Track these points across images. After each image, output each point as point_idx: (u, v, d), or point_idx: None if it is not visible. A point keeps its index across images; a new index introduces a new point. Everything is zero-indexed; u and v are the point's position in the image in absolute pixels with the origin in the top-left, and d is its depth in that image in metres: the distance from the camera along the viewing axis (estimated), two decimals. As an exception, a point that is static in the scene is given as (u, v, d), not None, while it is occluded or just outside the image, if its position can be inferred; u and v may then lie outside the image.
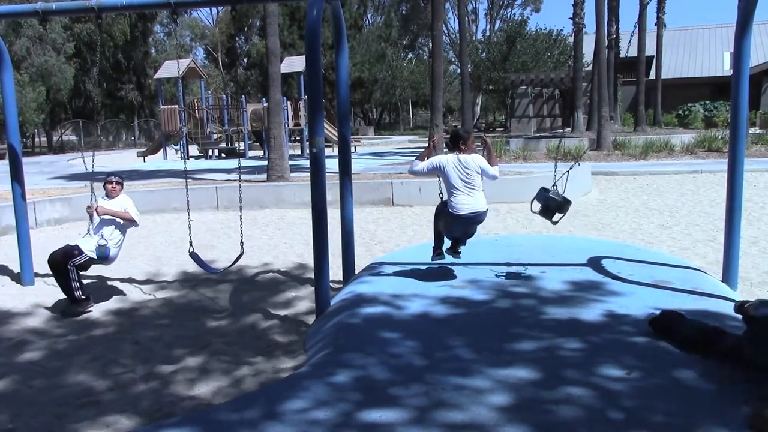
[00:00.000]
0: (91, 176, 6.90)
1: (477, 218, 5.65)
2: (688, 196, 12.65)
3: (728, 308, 4.81)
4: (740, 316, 3.89)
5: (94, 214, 6.43)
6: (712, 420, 3.09)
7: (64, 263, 6.25)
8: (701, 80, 39.39)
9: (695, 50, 42.94)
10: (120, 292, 7.07)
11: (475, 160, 5.64)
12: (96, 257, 6.39)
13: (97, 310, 6.43)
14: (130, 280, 7.53)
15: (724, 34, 41.90)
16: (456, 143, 5.76)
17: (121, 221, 6.52)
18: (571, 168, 6.20)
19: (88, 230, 6.57)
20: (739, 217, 5.65)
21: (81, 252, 6.32)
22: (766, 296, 5.45)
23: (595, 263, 6.27)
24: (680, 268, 6.14)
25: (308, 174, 5.55)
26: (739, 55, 5.44)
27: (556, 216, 6.05)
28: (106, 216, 6.45)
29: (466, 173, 5.57)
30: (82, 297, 6.33)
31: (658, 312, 4.45)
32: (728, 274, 5.72)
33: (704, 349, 3.84)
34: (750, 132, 23.75)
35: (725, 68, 38.52)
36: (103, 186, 6.72)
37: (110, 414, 4.19)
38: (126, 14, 36.28)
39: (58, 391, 4.58)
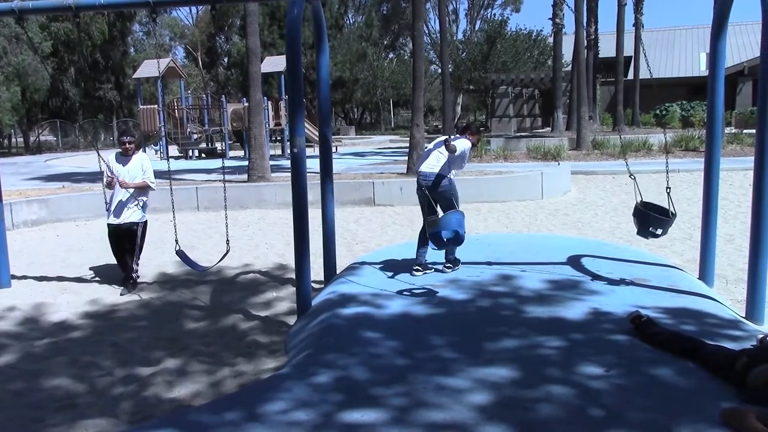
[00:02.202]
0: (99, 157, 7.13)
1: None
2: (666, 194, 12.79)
3: (704, 305, 4.88)
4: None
5: (116, 186, 6.88)
6: (689, 416, 3.13)
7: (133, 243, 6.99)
8: (678, 80, 39.88)
9: (672, 51, 43.48)
10: (97, 294, 6.99)
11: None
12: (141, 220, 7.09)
13: (75, 313, 6.36)
14: (108, 281, 7.45)
15: (700, 35, 42.45)
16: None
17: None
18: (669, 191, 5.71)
19: (110, 209, 7.02)
20: (715, 215, 5.73)
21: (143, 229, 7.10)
22: (740, 293, 5.52)
23: (574, 262, 6.32)
24: (658, 266, 6.21)
25: (289, 174, 5.53)
26: (714, 56, 5.52)
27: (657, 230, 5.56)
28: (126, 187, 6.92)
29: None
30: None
31: (635, 309, 4.49)
32: (705, 272, 5.81)
33: (683, 355, 3.87)
34: (726, 131, 24.08)
35: (701, 69, 39.02)
36: (120, 146, 7.10)
37: (88, 417, 4.14)
38: (104, 13, 35.88)
39: (35, 394, 4.52)
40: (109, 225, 7.07)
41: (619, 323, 4.50)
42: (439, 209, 6.15)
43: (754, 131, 4.95)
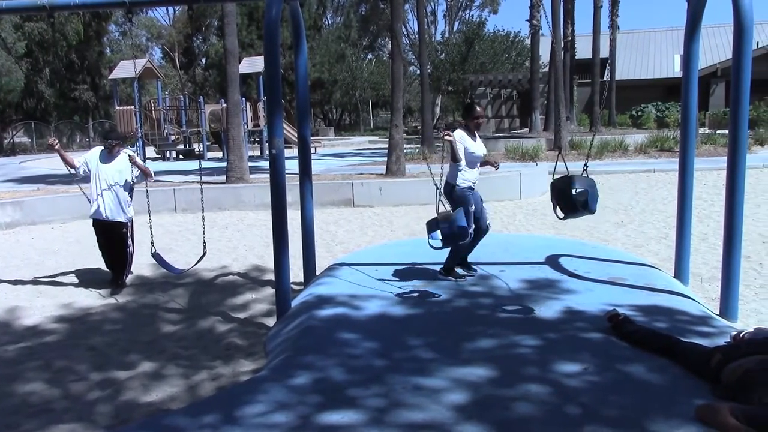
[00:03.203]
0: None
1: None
2: (642, 194, 12.96)
3: (679, 303, 4.95)
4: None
5: (98, 182, 6.95)
6: (664, 413, 3.17)
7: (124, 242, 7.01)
8: (653, 81, 40.40)
9: (647, 52, 44.02)
10: (72, 297, 6.90)
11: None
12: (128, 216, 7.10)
13: (49, 316, 6.27)
14: (84, 285, 7.36)
15: (674, 37, 43.04)
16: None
17: (129, 179, 7.02)
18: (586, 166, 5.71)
19: (95, 200, 6.99)
20: (689, 214, 5.81)
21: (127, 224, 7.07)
22: (715, 290, 5.61)
23: (552, 261, 6.37)
24: (634, 264, 6.28)
25: (268, 175, 5.51)
26: (688, 58, 5.60)
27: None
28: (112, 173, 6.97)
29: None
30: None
31: (612, 308, 4.53)
32: (680, 270, 5.88)
33: (659, 353, 3.91)
34: (699, 132, 24.43)
35: (676, 70, 39.57)
36: (106, 147, 7.06)
37: (64, 422, 4.09)
38: (79, 13, 35.43)
39: (8, 399, 4.45)
40: (94, 221, 7.06)
41: (596, 322, 4.55)
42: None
43: (726, 132, 5.03)
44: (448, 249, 5.75)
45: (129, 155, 7.08)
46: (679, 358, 3.76)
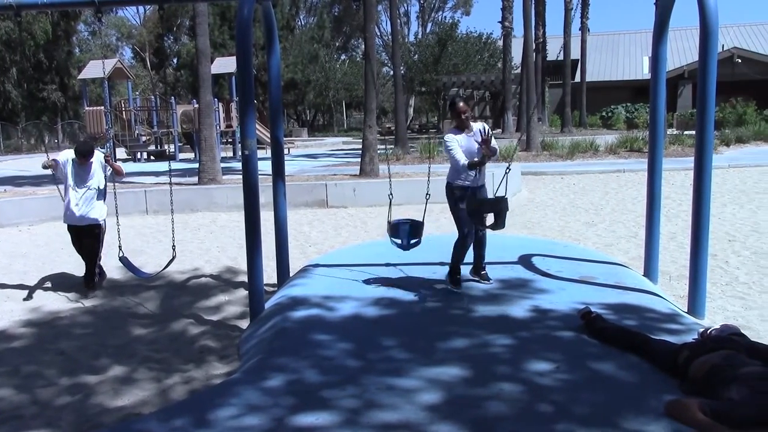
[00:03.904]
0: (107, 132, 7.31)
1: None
2: (612, 194, 13.14)
3: (648, 301, 5.03)
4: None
5: (72, 187, 6.81)
6: (634, 409, 3.22)
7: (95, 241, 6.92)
8: (623, 83, 40.99)
9: (617, 54, 44.66)
10: (41, 301, 6.78)
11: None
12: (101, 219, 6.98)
13: (17, 321, 6.15)
14: (53, 288, 7.23)
15: (643, 40, 43.72)
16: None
17: (102, 181, 6.93)
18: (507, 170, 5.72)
19: (70, 205, 6.81)
20: (658, 214, 5.91)
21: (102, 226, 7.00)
22: (683, 288, 5.70)
23: (525, 261, 6.43)
24: (605, 263, 6.37)
25: (241, 176, 5.47)
26: (656, 60, 5.70)
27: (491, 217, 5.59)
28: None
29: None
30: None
31: (585, 306, 4.59)
32: (649, 269, 5.98)
33: (630, 350, 3.97)
34: (668, 133, 24.85)
35: (644, 72, 40.19)
36: (78, 157, 6.82)
37: (33, 428, 4.01)
38: (47, 12, 34.82)
39: (-26, 406, 4.36)
40: (69, 226, 6.93)
41: (568, 320, 4.60)
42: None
43: (694, 132, 5.12)
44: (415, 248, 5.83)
45: (104, 155, 7.00)
46: (649, 355, 3.83)
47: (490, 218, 5.53)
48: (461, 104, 5.60)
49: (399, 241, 5.82)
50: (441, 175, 6.13)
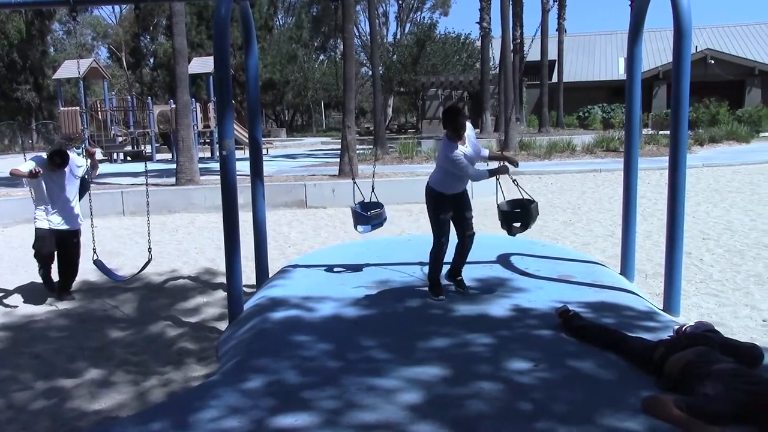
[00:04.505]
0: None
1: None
2: (589, 193, 13.27)
3: (625, 299, 5.09)
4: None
5: (55, 189, 6.59)
6: (611, 406, 3.25)
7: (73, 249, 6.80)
8: (599, 83, 41.41)
9: (593, 55, 45.10)
10: (15, 304, 6.68)
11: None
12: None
13: (-9, 325, 6.06)
14: (28, 291, 7.12)
15: (618, 41, 44.21)
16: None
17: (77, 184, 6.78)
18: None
19: (48, 210, 6.58)
20: (634, 213, 5.98)
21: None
22: (659, 286, 5.78)
23: (503, 260, 6.47)
24: (582, 262, 6.43)
25: (219, 177, 5.44)
26: (631, 61, 5.76)
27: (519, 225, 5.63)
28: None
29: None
30: None
31: (563, 304, 4.63)
32: (625, 267, 6.05)
33: (607, 348, 4.01)
34: (643, 133, 25.15)
35: (620, 72, 40.65)
36: (53, 166, 6.52)
37: (7, 434, 3.96)
38: (21, 11, 34.26)
39: (-53, 412, 4.28)
40: (51, 230, 6.56)
41: (546, 319, 4.64)
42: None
43: (668, 132, 5.19)
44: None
45: (86, 149, 6.89)
46: (626, 353, 3.87)
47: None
48: (461, 120, 5.27)
49: (367, 226, 6.13)
50: (419, 175, 6.14)
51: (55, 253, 6.74)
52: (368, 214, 6.11)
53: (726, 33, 44.84)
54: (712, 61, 36.83)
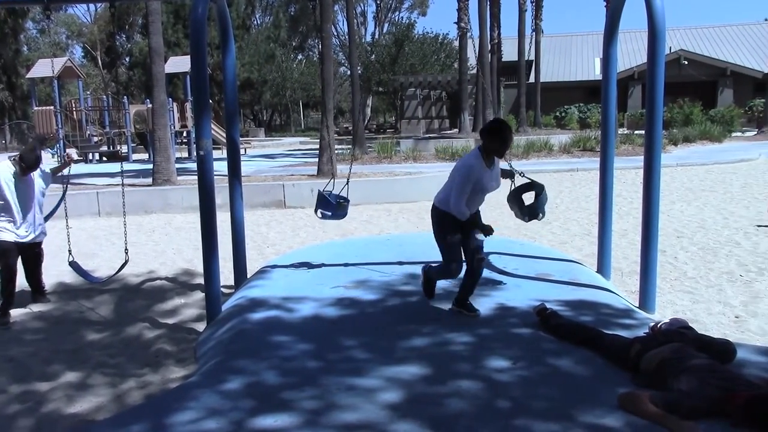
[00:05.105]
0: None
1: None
2: (566, 193, 13.40)
3: (602, 296, 5.15)
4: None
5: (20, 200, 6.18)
6: (589, 403, 3.29)
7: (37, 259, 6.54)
8: (576, 84, 41.81)
9: (569, 56, 45.52)
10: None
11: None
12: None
13: (-36, 328, 5.95)
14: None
15: (594, 41, 44.66)
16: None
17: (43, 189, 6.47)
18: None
19: (15, 220, 6.17)
20: (610, 212, 6.05)
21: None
22: (634, 284, 5.86)
23: (482, 259, 6.49)
24: (560, 260, 6.49)
25: (196, 177, 5.40)
26: (607, 61, 5.83)
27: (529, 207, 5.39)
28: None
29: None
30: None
31: (540, 302, 4.67)
32: (602, 265, 6.12)
33: (584, 345, 4.06)
34: (619, 132, 25.46)
35: (596, 73, 41.09)
36: (23, 170, 6.12)
37: (-20, 439, 3.89)
38: (-9, 8, 33.69)
39: None
40: (17, 243, 6.20)
41: (525, 317, 4.67)
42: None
43: (644, 132, 5.26)
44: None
45: (66, 156, 6.63)
46: (602, 350, 3.92)
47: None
48: (508, 143, 4.60)
49: (328, 212, 6.25)
50: (398, 175, 6.15)
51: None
52: (335, 203, 6.21)
53: (699, 34, 45.55)
54: (686, 62, 37.40)
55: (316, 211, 6.36)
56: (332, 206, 6.22)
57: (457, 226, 4.73)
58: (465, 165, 4.62)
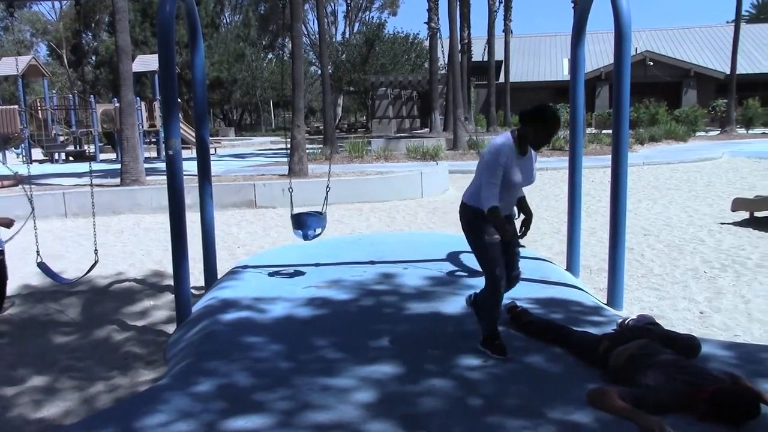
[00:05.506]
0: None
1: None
2: (536, 191, 13.53)
3: (571, 294, 5.22)
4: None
5: None
6: (559, 399, 3.34)
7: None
8: (544, 84, 42.26)
9: (538, 56, 46.00)
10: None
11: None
12: None
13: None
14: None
15: (562, 42, 45.18)
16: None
17: None
18: None
19: None
20: (579, 210, 6.13)
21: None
22: (603, 281, 5.95)
23: (453, 258, 6.54)
24: (530, 259, 6.54)
25: (165, 177, 5.34)
26: (575, 62, 5.91)
27: None
28: None
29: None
30: None
31: (511, 300, 4.72)
32: (571, 263, 6.20)
33: (554, 342, 4.11)
34: (587, 132, 25.81)
35: (564, 73, 41.57)
36: None
37: (-57, 446, 3.80)
38: (-49, 4, 32.82)
39: None
40: None
41: (495, 315, 4.71)
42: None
43: (611, 131, 5.35)
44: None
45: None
46: (572, 347, 3.98)
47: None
48: (553, 133, 3.89)
49: (302, 232, 5.98)
50: (369, 174, 6.14)
51: None
52: (315, 232, 5.99)
53: (664, 36, 46.37)
54: (651, 63, 38.05)
55: (298, 230, 5.98)
56: (313, 219, 5.95)
57: (490, 224, 3.97)
58: (492, 146, 3.92)
